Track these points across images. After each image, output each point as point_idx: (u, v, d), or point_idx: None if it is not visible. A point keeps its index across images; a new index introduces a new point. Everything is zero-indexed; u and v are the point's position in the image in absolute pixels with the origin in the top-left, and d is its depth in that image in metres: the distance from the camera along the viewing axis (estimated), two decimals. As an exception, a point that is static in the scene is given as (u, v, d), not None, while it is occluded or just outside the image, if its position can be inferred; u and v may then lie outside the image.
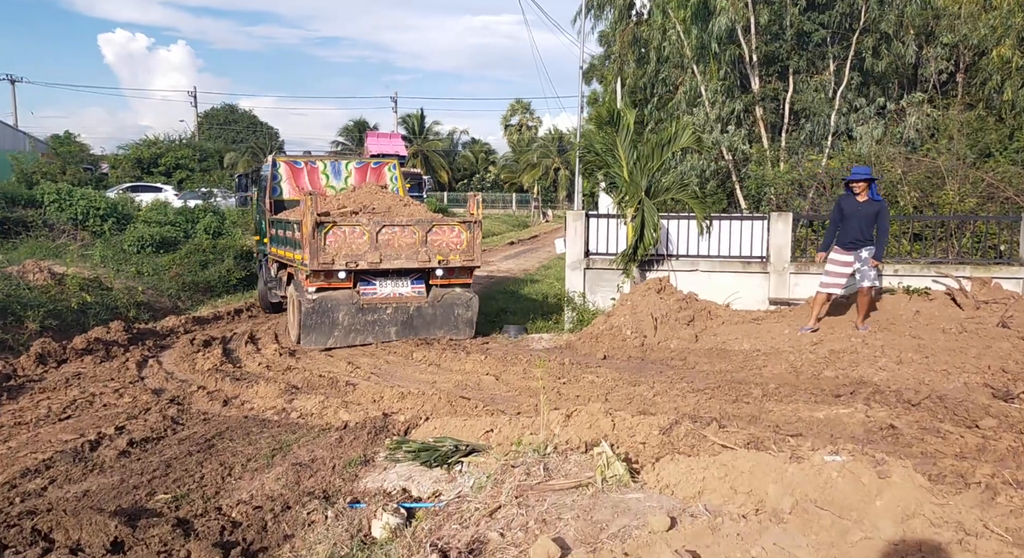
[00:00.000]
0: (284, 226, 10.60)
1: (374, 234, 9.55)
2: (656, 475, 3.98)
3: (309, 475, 5.32)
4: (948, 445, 4.67)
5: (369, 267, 9.57)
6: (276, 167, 11.75)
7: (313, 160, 11.96)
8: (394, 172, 12.23)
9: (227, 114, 63.23)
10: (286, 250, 10.58)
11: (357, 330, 9.88)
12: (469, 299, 10.32)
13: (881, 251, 8.37)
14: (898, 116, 16.56)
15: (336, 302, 9.66)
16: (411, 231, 9.78)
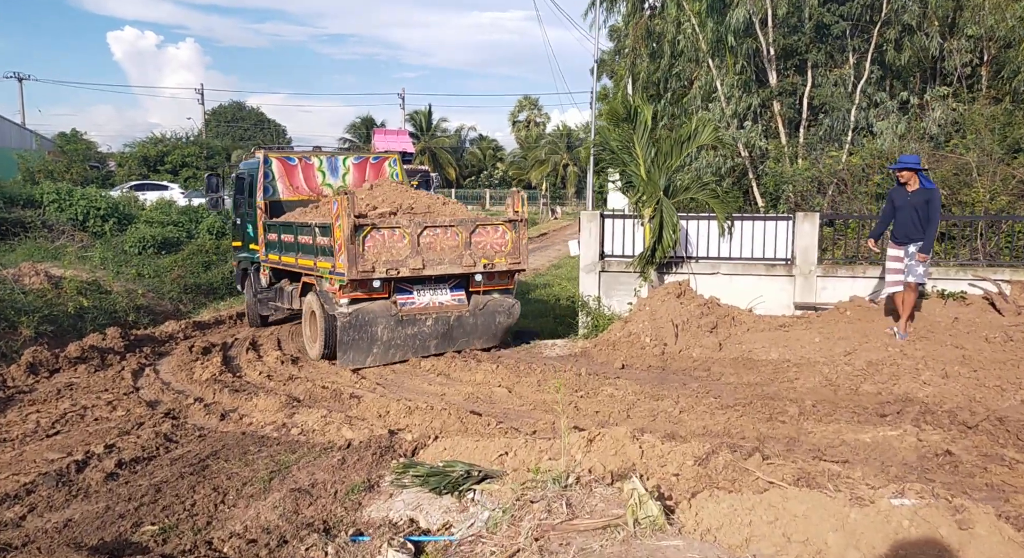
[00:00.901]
0: (297, 230, 9.48)
1: (415, 237, 8.62)
2: (695, 515, 3.53)
3: (309, 503, 4.90)
4: (1017, 476, 4.21)
5: (411, 274, 8.64)
6: (268, 165, 10.55)
7: (308, 156, 10.95)
8: (395, 168, 11.34)
9: (234, 111, 63.06)
10: (299, 257, 9.51)
11: (397, 345, 8.88)
12: (511, 306, 9.52)
13: (929, 244, 7.73)
14: (920, 111, 16.02)
15: (374, 315, 8.62)
16: (454, 232, 8.90)
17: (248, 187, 11.05)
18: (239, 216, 11.73)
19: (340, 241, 8.24)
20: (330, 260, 8.56)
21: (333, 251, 8.41)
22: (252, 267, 11.35)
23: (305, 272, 9.47)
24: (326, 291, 8.93)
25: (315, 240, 8.92)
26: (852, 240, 10.72)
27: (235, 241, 12.29)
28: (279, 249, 10.13)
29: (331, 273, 8.63)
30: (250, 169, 11.13)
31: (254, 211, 10.73)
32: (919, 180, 7.78)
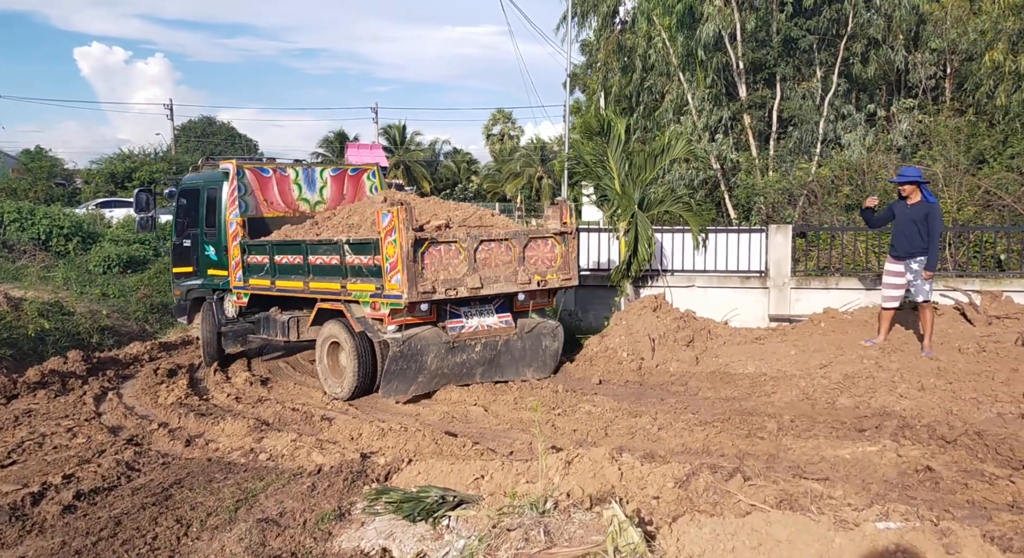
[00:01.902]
0: (308, 250, 8.20)
1: (472, 252, 7.64)
2: (676, 542, 3.42)
3: (277, 533, 4.70)
4: (997, 492, 4.16)
5: (470, 294, 7.64)
6: (241, 177, 9.31)
7: (282, 167, 9.87)
8: (374, 181, 10.44)
9: (204, 126, 62.34)
10: (309, 281, 8.29)
11: (443, 374, 7.92)
12: (555, 327, 8.64)
13: (934, 260, 7.59)
14: (887, 123, 16.27)
15: (426, 342, 7.60)
16: (507, 247, 7.98)
17: (207, 203, 9.70)
18: (187, 237, 10.28)
19: (395, 258, 7.14)
20: (373, 281, 7.47)
21: (381, 270, 7.31)
22: (213, 296, 9.94)
23: (323, 297, 8.24)
24: (364, 317, 7.73)
25: (344, 260, 7.75)
26: (824, 251, 10.79)
27: (179, 266, 10.67)
28: (269, 273, 8.80)
29: (375, 296, 7.49)
30: (209, 182, 9.76)
31: (219, 230, 9.49)
32: (922, 194, 7.64)
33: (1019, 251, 10.01)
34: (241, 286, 9.29)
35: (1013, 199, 11.46)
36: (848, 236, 10.56)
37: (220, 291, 9.81)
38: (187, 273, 10.41)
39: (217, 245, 9.60)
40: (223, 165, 9.54)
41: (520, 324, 8.38)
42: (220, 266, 9.59)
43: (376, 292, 7.46)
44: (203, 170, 10.41)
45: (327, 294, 8.14)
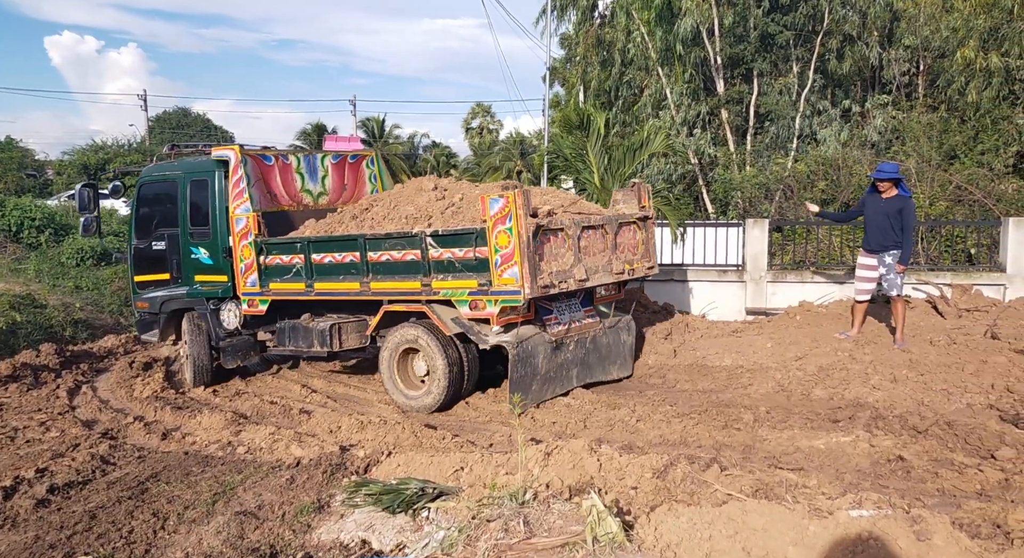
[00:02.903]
0: (368, 245, 7.24)
1: (576, 240, 7.01)
2: (654, 531, 3.47)
3: (255, 526, 4.68)
4: (967, 481, 4.26)
5: (576, 286, 7.02)
6: (246, 165, 8.07)
7: (284, 154, 8.75)
8: (373, 168, 9.49)
9: (180, 118, 61.44)
10: (372, 281, 7.32)
11: (549, 378, 7.12)
12: (629, 321, 8.04)
13: (907, 254, 7.64)
14: (862, 119, 16.48)
15: (534, 343, 6.87)
16: (602, 233, 7.36)
17: (192, 197, 8.51)
18: (158, 238, 8.92)
19: (510, 249, 6.39)
20: (474, 277, 6.68)
21: (488, 264, 6.55)
22: (206, 306, 8.64)
23: (391, 299, 7.32)
24: (459, 318, 6.92)
25: (426, 255, 6.90)
26: (800, 245, 10.92)
27: (145, 274, 9.18)
28: (303, 275, 7.73)
29: (477, 293, 6.69)
30: (193, 172, 8.54)
31: (215, 228, 8.27)
32: (897, 189, 7.68)
33: (989, 245, 10.21)
34: (256, 292, 8.08)
35: (983, 194, 11.68)
36: (823, 230, 10.71)
37: (215, 300, 8.56)
38: (158, 281, 9.01)
39: (212, 246, 8.36)
40: (218, 151, 8.29)
41: (604, 319, 7.83)
42: (216, 271, 8.38)
43: (479, 289, 6.65)
44: (176, 159, 9.15)
45: (399, 295, 7.19)
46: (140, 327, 9.65)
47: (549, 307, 7.17)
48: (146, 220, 9.17)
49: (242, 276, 8.16)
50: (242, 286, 8.18)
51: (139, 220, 9.25)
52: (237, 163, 8.07)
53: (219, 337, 8.56)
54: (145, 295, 9.23)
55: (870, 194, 7.82)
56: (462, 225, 6.83)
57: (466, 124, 67.73)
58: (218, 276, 8.42)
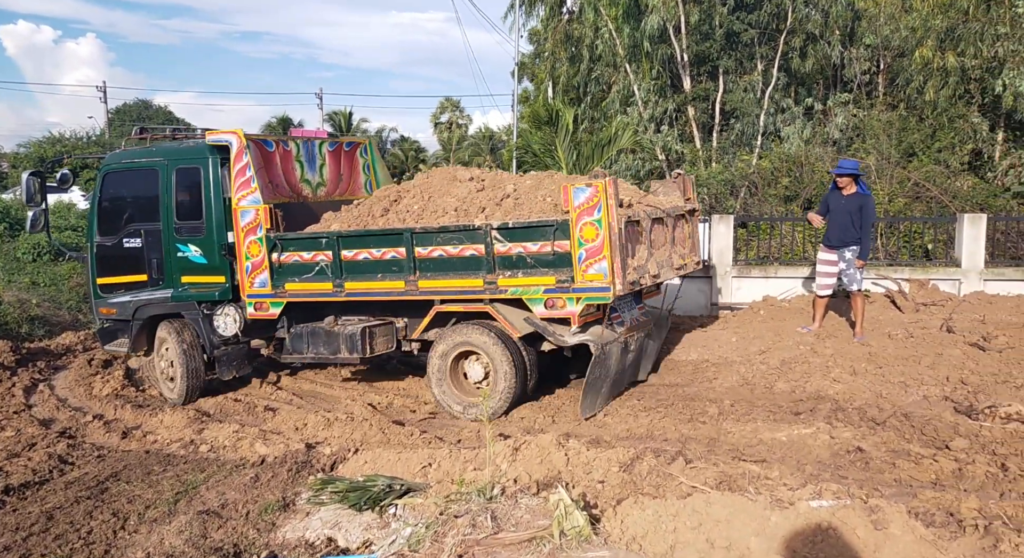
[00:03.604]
0: (428, 239, 6.60)
1: (648, 233, 6.63)
2: (620, 524, 3.50)
3: (218, 525, 4.61)
4: (922, 471, 4.37)
5: (651, 282, 6.66)
6: (249, 151, 7.23)
7: (284, 140, 7.97)
8: (367, 158, 8.83)
9: (140, 110, 60.13)
10: (421, 279, 6.70)
11: (615, 381, 6.79)
12: (667, 317, 7.83)
13: (867, 250, 7.78)
14: (824, 116, 16.79)
15: (611, 343, 6.45)
16: (664, 226, 6.99)
17: (179, 187, 7.65)
18: (129, 235, 7.97)
19: (599, 242, 5.93)
20: (552, 273, 6.18)
21: (570, 259, 6.06)
22: (198, 310, 7.72)
23: (444, 298, 6.75)
24: (532, 317, 6.40)
25: (490, 250, 6.33)
26: (764, 241, 11.09)
27: (112, 275, 8.14)
28: (329, 274, 7.05)
29: (556, 291, 6.15)
30: (179, 159, 7.67)
31: (210, 223, 7.44)
32: (857, 186, 7.84)
33: (945, 241, 10.47)
34: (267, 294, 7.27)
35: (940, 191, 11.97)
36: (787, 226, 10.88)
37: (207, 304, 7.68)
38: (131, 284, 8.03)
39: (206, 243, 7.52)
40: (214, 136, 7.45)
41: (651, 316, 7.48)
42: (211, 270, 7.57)
43: (558, 286, 6.13)
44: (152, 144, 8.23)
45: (454, 294, 6.62)
46: (103, 336, 8.54)
47: (614, 305, 6.58)
48: (113, 214, 8.18)
49: (248, 276, 7.32)
50: (248, 287, 7.33)
51: (104, 214, 8.20)
52: (241, 149, 7.19)
53: (214, 345, 7.66)
54: (112, 300, 8.13)
55: (832, 191, 7.98)
56: (528, 217, 6.30)
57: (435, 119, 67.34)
58: (213, 276, 7.57)
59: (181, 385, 7.65)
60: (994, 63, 13.92)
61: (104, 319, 8.38)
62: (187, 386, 7.63)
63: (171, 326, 7.76)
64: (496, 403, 6.49)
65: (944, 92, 14.73)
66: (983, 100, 14.90)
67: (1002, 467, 4.37)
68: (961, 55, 14.29)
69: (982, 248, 9.54)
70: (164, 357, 7.84)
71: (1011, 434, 4.88)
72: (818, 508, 3.16)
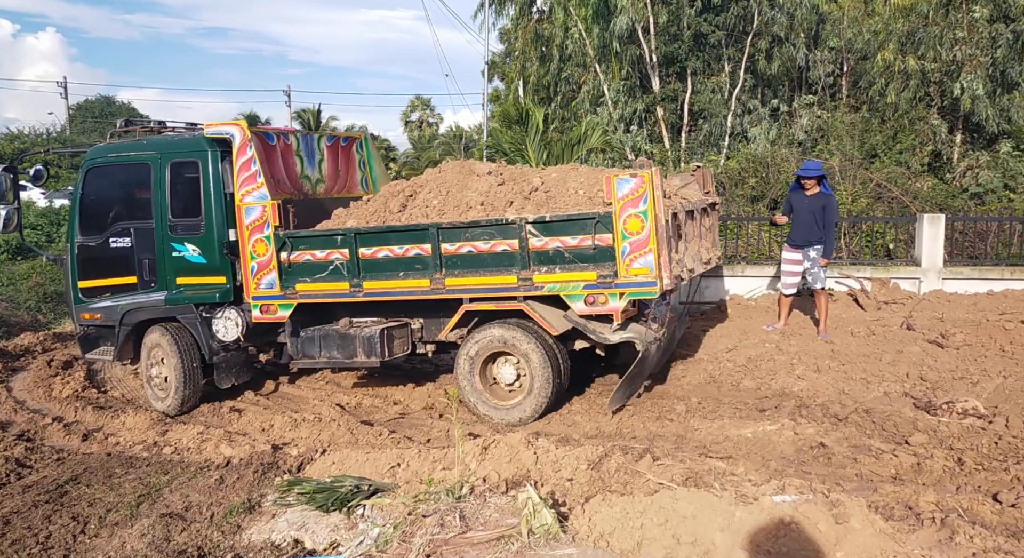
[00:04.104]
0: (445, 236, 6.29)
1: (684, 226, 6.48)
2: (588, 521, 3.52)
3: (182, 528, 4.54)
4: (883, 466, 4.47)
5: (688, 277, 6.53)
6: (253, 144, 6.84)
7: (285, 133, 7.58)
8: (362, 154, 8.41)
9: (103, 106, 58.91)
10: (452, 276, 6.34)
11: (645, 375, 6.65)
12: (683, 313, 7.62)
13: (831, 249, 7.93)
14: (790, 118, 17.08)
15: (651, 341, 6.28)
16: (693, 219, 6.80)
17: (175, 183, 7.21)
18: (116, 235, 7.47)
19: (644, 235, 5.68)
20: (592, 268, 5.93)
21: (613, 253, 5.81)
22: (196, 313, 7.20)
23: (473, 297, 6.40)
24: (570, 315, 6.16)
25: (525, 244, 6.04)
26: (731, 241, 11.23)
27: (94, 278, 7.64)
28: (344, 273, 6.67)
29: (597, 286, 5.90)
30: (173, 152, 7.21)
31: (209, 220, 7.01)
32: (820, 186, 7.95)
33: (905, 241, 10.70)
34: (275, 295, 6.86)
35: (901, 192, 12.24)
36: (753, 226, 11.02)
37: (206, 307, 7.19)
38: (117, 287, 7.52)
39: (205, 241, 7.07)
40: (214, 128, 7.05)
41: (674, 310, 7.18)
42: (210, 271, 7.13)
43: (600, 282, 5.88)
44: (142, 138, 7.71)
45: (485, 292, 6.30)
46: (84, 344, 7.91)
47: (647, 301, 6.39)
48: (97, 212, 7.65)
49: (253, 276, 6.89)
50: (253, 289, 6.91)
51: (86, 212, 7.63)
52: (245, 142, 6.80)
53: (213, 351, 7.17)
54: (95, 304, 7.58)
55: (795, 191, 8.09)
56: (566, 211, 6.04)
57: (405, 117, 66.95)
58: (213, 277, 7.13)
59: (176, 394, 7.16)
60: (952, 66, 14.28)
61: (86, 325, 7.78)
62: (183, 395, 7.14)
63: (164, 331, 7.23)
64: (531, 405, 6.25)
65: (905, 95, 15.07)
66: (942, 103, 15.27)
67: (958, 461, 4.49)
68: (921, 58, 14.63)
69: (941, 248, 9.77)
70: (155, 364, 7.33)
71: (967, 429, 5.01)
72: (781, 503, 3.21)
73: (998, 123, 14.27)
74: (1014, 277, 9.54)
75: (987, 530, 3.33)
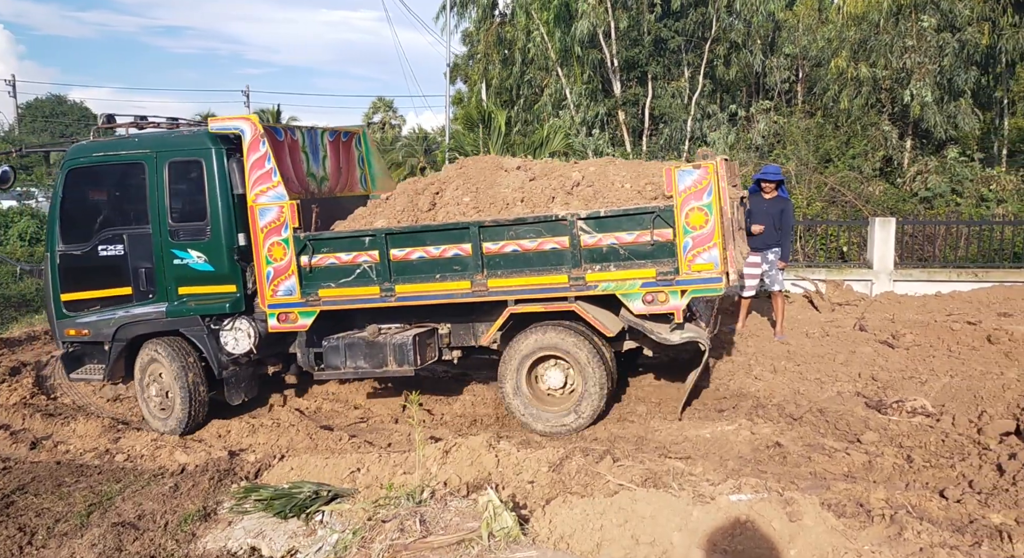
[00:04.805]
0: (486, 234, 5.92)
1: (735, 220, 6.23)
2: (549, 523, 3.53)
3: (134, 537, 4.44)
4: (836, 464, 4.58)
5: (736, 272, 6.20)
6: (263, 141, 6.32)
7: (292, 129, 7.14)
8: (360, 150, 7.96)
9: (53, 105, 57.38)
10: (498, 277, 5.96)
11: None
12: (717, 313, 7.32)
13: (787, 251, 8.03)
14: (747, 123, 17.40)
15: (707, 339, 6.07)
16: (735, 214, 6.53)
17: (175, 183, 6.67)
18: (105, 242, 6.80)
19: (709, 229, 5.43)
20: (651, 264, 5.61)
21: (673, 248, 5.52)
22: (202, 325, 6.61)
23: (519, 298, 5.99)
24: (626, 315, 5.85)
25: (576, 242, 5.71)
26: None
27: (80, 290, 6.95)
28: (373, 277, 6.24)
29: (656, 284, 5.58)
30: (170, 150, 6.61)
31: (216, 223, 6.44)
32: (778, 191, 8.09)
33: (858, 244, 10.99)
34: (295, 302, 6.37)
35: (854, 196, 12.57)
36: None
37: (213, 318, 6.63)
38: (108, 299, 6.87)
39: (212, 247, 6.51)
40: (219, 123, 6.49)
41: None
42: (219, 279, 6.59)
43: (659, 279, 5.57)
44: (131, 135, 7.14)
45: (532, 293, 5.92)
46: (68, 363, 7.16)
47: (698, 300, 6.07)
48: (82, 217, 7.00)
49: (269, 283, 6.38)
50: (269, 296, 6.39)
51: (69, 218, 6.95)
52: (257, 137, 6.25)
53: (222, 365, 6.63)
54: (83, 319, 6.88)
55: (753, 195, 8.23)
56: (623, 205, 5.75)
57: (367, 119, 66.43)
58: (221, 286, 6.58)
59: (181, 414, 6.57)
60: (903, 74, 14.71)
61: (70, 342, 7.04)
62: (189, 414, 6.56)
63: (163, 346, 6.65)
64: (590, 410, 5.91)
65: (857, 101, 15.47)
66: (893, 109, 15.71)
67: (908, 459, 4.62)
68: (873, 66, 15.04)
69: (892, 250, 10.05)
70: (153, 383, 6.73)
71: (916, 427, 5.16)
72: (737, 502, 3.27)
73: (945, 129, 14.73)
74: (961, 279, 9.86)
75: (934, 525, 3.44)
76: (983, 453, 4.62)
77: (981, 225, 10.90)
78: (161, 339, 6.69)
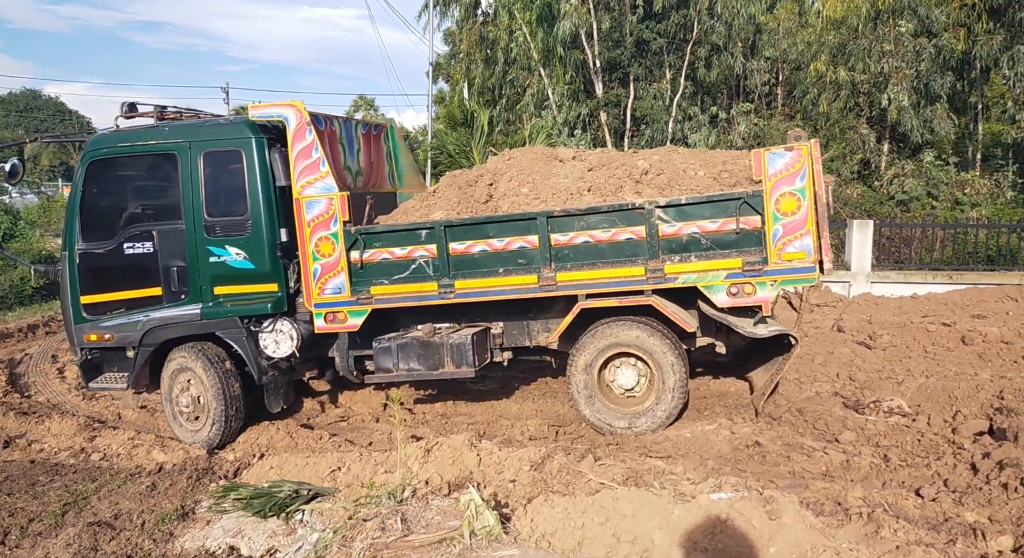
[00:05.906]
0: (555, 226, 5.59)
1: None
2: (530, 522, 3.54)
3: (110, 537, 4.38)
4: (814, 463, 4.63)
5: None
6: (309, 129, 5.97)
7: (330, 118, 6.66)
8: (388, 145, 7.67)
9: (28, 100, 56.55)
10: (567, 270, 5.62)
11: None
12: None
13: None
14: (728, 125, 17.54)
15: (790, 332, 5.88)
16: None
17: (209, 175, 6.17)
18: (130, 238, 6.29)
19: (802, 215, 5.16)
20: (736, 254, 5.33)
21: (761, 237, 5.26)
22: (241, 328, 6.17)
23: (590, 292, 5.63)
24: (709, 309, 5.59)
25: (654, 231, 5.40)
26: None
27: (102, 292, 6.44)
28: (430, 272, 5.86)
29: (742, 275, 5.32)
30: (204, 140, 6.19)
31: (257, 218, 6.04)
32: None
33: (836, 246, 11.12)
34: (345, 301, 5.98)
35: (833, 199, 12.71)
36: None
37: (252, 320, 6.19)
38: (134, 300, 6.36)
39: (253, 244, 6.08)
40: (261, 110, 6.08)
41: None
42: (260, 278, 6.14)
43: (746, 269, 5.29)
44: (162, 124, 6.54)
45: (605, 287, 5.57)
46: (87, 370, 6.60)
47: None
48: (105, 213, 6.51)
49: (316, 281, 5.98)
50: (315, 294, 5.98)
51: (90, 213, 6.44)
52: (303, 125, 5.88)
53: (262, 370, 6.20)
54: (106, 323, 6.36)
55: None
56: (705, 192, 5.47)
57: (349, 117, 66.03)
58: (262, 285, 6.14)
59: (217, 425, 6.10)
60: (880, 78, 14.91)
61: (90, 348, 6.49)
62: (225, 424, 6.11)
63: (196, 351, 6.19)
64: (668, 409, 5.59)
65: (836, 104, 15.65)
66: (871, 113, 15.92)
67: (884, 458, 4.68)
68: (852, 70, 15.23)
69: (869, 252, 10.19)
70: (184, 392, 6.24)
71: (893, 427, 5.23)
72: (718, 501, 3.29)
73: (922, 133, 14.96)
74: (936, 281, 10.01)
75: (910, 523, 3.49)
76: (958, 452, 4.69)
77: (956, 228, 11.08)
78: (192, 344, 6.26)
